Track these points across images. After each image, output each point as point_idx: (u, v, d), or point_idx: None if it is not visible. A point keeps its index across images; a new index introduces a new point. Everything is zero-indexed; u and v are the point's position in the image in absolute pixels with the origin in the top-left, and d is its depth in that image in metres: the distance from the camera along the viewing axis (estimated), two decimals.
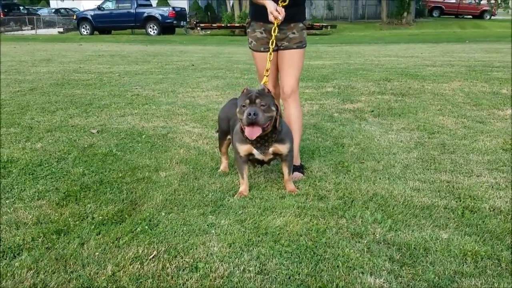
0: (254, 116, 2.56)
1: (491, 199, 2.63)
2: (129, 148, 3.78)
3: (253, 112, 2.56)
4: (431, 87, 6.47)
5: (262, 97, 2.62)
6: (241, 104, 2.66)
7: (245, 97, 2.66)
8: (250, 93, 2.65)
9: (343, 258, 1.97)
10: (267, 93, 2.68)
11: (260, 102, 2.61)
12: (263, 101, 2.62)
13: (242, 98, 2.68)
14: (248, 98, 2.63)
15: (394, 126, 4.44)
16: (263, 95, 2.64)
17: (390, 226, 2.30)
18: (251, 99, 2.62)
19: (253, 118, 2.56)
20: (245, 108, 2.62)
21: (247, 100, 2.63)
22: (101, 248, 2.15)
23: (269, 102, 2.65)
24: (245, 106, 2.63)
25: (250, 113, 2.56)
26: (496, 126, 4.34)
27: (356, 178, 3.04)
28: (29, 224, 2.43)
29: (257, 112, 2.57)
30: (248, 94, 2.65)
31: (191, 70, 8.93)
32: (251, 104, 2.61)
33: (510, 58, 10.24)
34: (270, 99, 2.67)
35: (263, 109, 2.60)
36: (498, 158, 3.38)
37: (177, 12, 23.16)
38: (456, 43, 16.03)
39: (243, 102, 2.65)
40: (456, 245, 2.07)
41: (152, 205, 2.66)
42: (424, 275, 1.84)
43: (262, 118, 2.59)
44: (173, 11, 22.93)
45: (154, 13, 23.33)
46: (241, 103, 2.67)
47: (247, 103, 2.63)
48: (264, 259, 2.00)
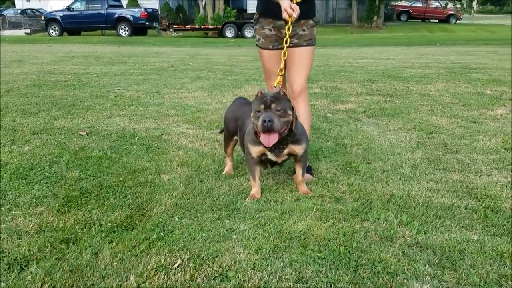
0: (269, 123, 2.42)
1: (509, 198, 2.60)
2: (124, 150, 3.59)
3: (268, 119, 2.42)
4: (416, 88, 6.51)
5: (277, 102, 2.49)
6: (256, 109, 2.52)
7: (260, 101, 2.51)
8: (265, 97, 2.50)
9: (381, 263, 1.88)
10: (282, 96, 2.53)
11: (275, 107, 2.47)
12: (279, 105, 2.48)
13: (257, 103, 2.53)
14: (263, 103, 2.48)
15: (391, 126, 4.41)
16: (279, 99, 2.51)
17: (418, 228, 2.22)
18: (266, 104, 2.48)
19: (269, 125, 2.43)
20: (260, 113, 2.48)
21: (262, 105, 2.49)
22: (118, 258, 1.98)
23: (285, 106, 2.51)
24: (260, 111, 2.49)
25: (266, 119, 2.42)
26: (491, 126, 4.37)
27: (367, 179, 2.96)
28: (31, 233, 2.24)
29: (272, 118, 2.43)
30: (263, 98, 2.50)
31: (171, 71, 8.73)
32: (266, 109, 2.47)
33: (484, 60, 10.50)
34: (286, 103, 2.53)
35: (279, 114, 2.47)
36: (503, 158, 3.37)
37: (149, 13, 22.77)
38: (428, 46, 16.35)
39: (258, 107, 2.50)
40: (490, 247, 2.02)
41: (161, 210, 2.50)
42: (468, 278, 1.77)
43: (278, 124, 2.46)
44: (145, 12, 22.52)
45: (125, 14, 22.86)
46: (255, 107, 2.52)
47: (262, 108, 2.48)
48: (298, 266, 1.88)
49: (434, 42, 17.96)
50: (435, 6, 34.76)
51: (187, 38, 22.10)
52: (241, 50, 14.77)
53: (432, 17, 34.93)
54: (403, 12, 35.77)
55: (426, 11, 34.84)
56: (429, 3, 35.41)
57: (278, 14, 2.98)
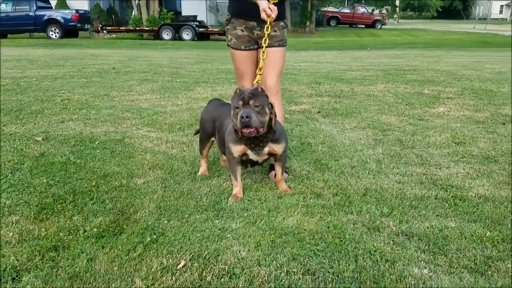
0: (247, 119, 2.45)
1: (472, 188, 2.83)
2: (87, 155, 3.47)
3: (245, 115, 2.45)
4: (361, 89, 6.82)
5: (255, 98, 2.53)
6: (234, 105, 2.54)
7: (238, 98, 2.54)
8: (243, 94, 2.54)
9: (377, 252, 1.99)
10: (260, 93, 2.58)
11: (254, 103, 2.51)
12: (257, 101, 2.52)
13: (235, 99, 2.56)
14: (241, 99, 2.52)
15: (347, 125, 4.60)
16: (257, 95, 2.55)
17: (399, 218, 2.37)
18: (244, 100, 2.51)
19: (246, 121, 2.46)
20: (239, 110, 2.51)
21: (240, 102, 2.52)
22: (117, 262, 1.94)
23: (263, 103, 2.56)
24: (238, 108, 2.52)
25: (243, 115, 2.45)
26: (437, 123, 4.69)
27: (340, 175, 3.09)
28: (13, 243, 2.12)
29: (250, 114, 2.46)
30: (241, 95, 2.54)
31: (114, 73, 8.48)
32: (244, 105, 2.51)
33: (414, 62, 11.19)
34: (264, 99, 2.58)
35: (257, 110, 2.51)
36: (456, 151, 3.65)
37: (81, 15, 21.82)
38: (359, 50, 17.11)
39: (236, 103, 2.53)
40: (468, 233, 2.19)
41: (146, 214, 2.46)
42: (459, 262, 1.92)
43: (256, 121, 2.49)
44: (76, 13, 21.55)
45: (55, 15, 21.71)
46: (234, 104, 2.55)
47: (240, 105, 2.52)
48: (301, 259, 1.94)
49: (364, 46, 18.81)
50: (361, 12, 36.44)
51: (121, 40, 21.47)
52: (181, 53, 14.62)
53: (359, 23, 36.57)
54: (332, 17, 37.13)
55: (353, 17, 36.40)
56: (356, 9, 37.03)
57: (250, 14, 3.03)
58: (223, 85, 7.15)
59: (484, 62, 11.24)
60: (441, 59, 12.33)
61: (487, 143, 3.90)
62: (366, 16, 35.67)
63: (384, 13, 33.29)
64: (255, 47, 3.15)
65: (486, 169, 3.20)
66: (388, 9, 35.47)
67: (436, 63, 11.13)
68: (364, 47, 18.54)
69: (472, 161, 3.39)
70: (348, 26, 36.54)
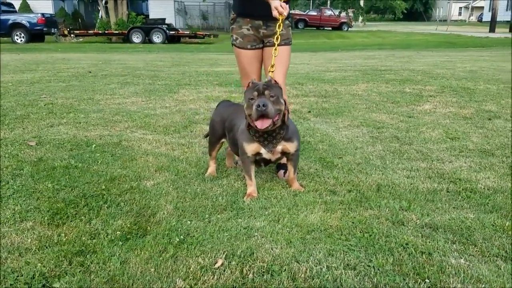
0: (263, 107, 2.43)
1: (479, 180, 2.91)
2: (88, 159, 3.38)
3: (262, 104, 2.43)
4: (344, 89, 6.92)
5: (270, 89, 2.53)
6: (249, 97, 2.53)
7: (253, 89, 2.53)
8: (257, 85, 2.54)
9: (410, 245, 2.01)
10: (275, 84, 2.59)
11: (269, 93, 2.51)
12: (272, 92, 2.52)
13: (249, 91, 2.55)
14: (256, 90, 2.51)
15: (340, 124, 4.65)
16: (271, 86, 2.55)
17: (420, 212, 2.41)
18: (259, 90, 2.51)
19: (263, 110, 2.43)
20: (254, 100, 2.50)
21: (255, 92, 2.51)
22: (152, 264, 1.89)
23: (278, 94, 2.56)
24: (253, 98, 2.51)
25: (260, 104, 2.43)
26: (426, 120, 4.80)
27: (348, 172, 3.12)
28: (33, 249, 2.04)
29: (266, 103, 2.44)
30: (255, 87, 2.53)
31: (91, 77, 8.30)
32: (259, 96, 2.50)
33: (387, 63, 11.43)
34: (278, 90, 2.58)
35: (272, 101, 2.50)
36: (453, 146, 3.75)
37: (47, 19, 21.19)
38: (332, 51, 17.34)
39: (251, 95, 2.52)
40: (489, 223, 2.25)
41: (166, 215, 2.42)
42: (490, 251, 1.97)
43: (272, 110, 2.48)
44: (42, 17, 20.91)
45: (20, 19, 20.99)
46: (248, 96, 2.54)
47: (255, 95, 2.50)
48: (338, 254, 1.95)
49: (336, 48, 19.08)
50: (328, 15, 36.98)
51: (90, 44, 20.99)
52: (154, 56, 14.44)
53: (327, 25, 37.09)
54: (300, 20, 37.49)
55: (321, 19, 36.89)
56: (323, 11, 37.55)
57: (255, 14, 3.03)
58: (207, 87, 7.11)
59: (454, 62, 11.59)
60: (412, 59, 12.64)
61: (480, 137, 4.02)
62: (333, 18, 36.20)
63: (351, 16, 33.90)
64: (260, 46, 3.15)
65: (486, 162, 3.30)
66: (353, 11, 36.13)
67: (409, 63, 11.40)
68: (335, 48, 18.81)
69: (471, 155, 3.48)
70: (316, 29, 37.00)
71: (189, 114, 5.09)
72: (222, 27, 31.01)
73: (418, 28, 40.20)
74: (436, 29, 35.16)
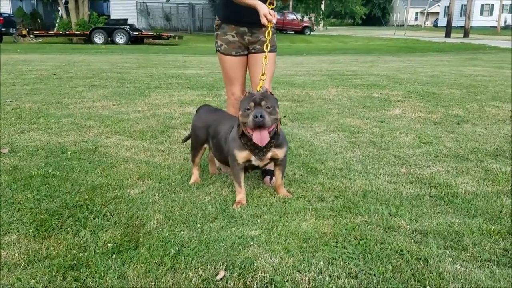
0: (261, 118, 2.47)
1: (459, 185, 3.01)
2: (65, 166, 3.27)
3: (259, 114, 2.47)
4: (315, 94, 7.00)
5: (266, 99, 2.55)
6: (245, 107, 2.55)
7: (249, 99, 2.55)
8: (254, 96, 2.56)
9: (406, 251, 2.05)
10: (270, 95, 2.62)
11: (265, 104, 2.54)
12: (268, 103, 2.55)
13: (246, 101, 2.57)
14: (253, 100, 2.53)
15: (317, 129, 4.70)
16: (268, 97, 2.58)
17: (408, 217, 2.47)
18: (256, 101, 2.53)
19: (260, 121, 2.47)
20: (250, 111, 2.52)
21: (251, 103, 2.53)
22: (151, 278, 1.85)
23: (274, 104, 2.59)
24: (249, 109, 2.53)
25: (257, 115, 2.46)
26: (398, 125, 4.92)
27: (333, 177, 3.15)
28: (22, 264, 1.96)
29: (263, 114, 2.48)
30: (252, 97, 2.56)
31: (56, 79, 8.05)
32: (256, 106, 2.52)
33: (352, 68, 11.67)
34: (274, 101, 2.61)
35: (268, 111, 2.53)
36: (428, 151, 3.86)
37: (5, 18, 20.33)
38: (297, 55, 17.52)
39: (247, 105, 2.54)
40: (476, 227, 2.32)
41: (156, 225, 2.37)
42: (481, 256, 2.03)
43: (269, 121, 2.52)
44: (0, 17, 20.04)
45: None
46: (245, 106, 2.56)
47: (252, 106, 2.53)
48: (338, 262, 1.96)
49: (300, 52, 19.27)
50: (291, 19, 37.35)
51: (51, 45, 20.28)
52: (118, 57, 14.14)
53: (289, 29, 37.43)
54: None
55: (284, 23, 37.17)
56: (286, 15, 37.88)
57: (241, 20, 3.02)
58: (179, 91, 7.03)
59: (416, 67, 11.96)
60: (375, 64, 12.96)
61: (452, 142, 4.16)
62: (296, 22, 36.60)
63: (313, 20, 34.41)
64: (245, 53, 3.14)
65: (462, 167, 3.42)
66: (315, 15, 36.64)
67: (372, 68, 11.68)
68: (300, 52, 19.00)
69: (446, 160, 3.60)
70: (279, 32, 37.28)
71: (164, 118, 5.02)
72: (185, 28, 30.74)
73: (377, 32, 41.30)
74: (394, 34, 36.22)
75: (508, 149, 3.89)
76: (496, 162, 3.53)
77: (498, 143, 4.11)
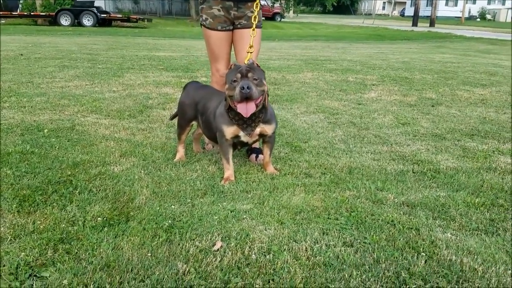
0: (248, 90, 2.42)
1: (440, 162, 3.08)
2: (43, 144, 3.17)
3: (246, 86, 2.42)
4: (292, 77, 7.01)
5: (253, 71, 2.52)
6: (232, 79, 2.50)
7: (235, 71, 2.51)
8: (240, 67, 2.52)
9: (397, 222, 2.09)
10: (257, 67, 2.58)
11: (252, 76, 2.50)
12: (255, 74, 2.51)
13: (232, 73, 2.53)
14: (239, 72, 2.49)
15: (297, 110, 4.71)
16: (254, 68, 2.54)
17: (395, 191, 2.51)
18: (242, 73, 2.49)
19: (247, 92, 2.42)
20: (236, 83, 2.48)
21: (238, 74, 2.49)
22: (147, 249, 1.82)
23: (261, 76, 2.55)
24: (236, 80, 2.49)
25: (244, 86, 2.42)
26: (375, 107, 4.99)
27: (317, 155, 3.17)
28: (9, 238, 1.89)
29: (250, 85, 2.44)
30: (238, 69, 2.52)
31: (24, 60, 7.78)
32: (243, 78, 2.48)
33: (325, 54, 11.74)
34: (261, 73, 2.58)
35: (255, 83, 2.50)
36: (406, 131, 3.93)
37: None
38: (269, 41, 17.46)
39: (234, 76, 2.50)
40: (460, 200, 2.39)
41: (145, 200, 2.33)
42: (469, 225, 2.09)
43: (256, 92, 2.47)
44: None
45: None
46: (231, 78, 2.51)
47: (238, 77, 2.48)
48: (333, 233, 1.98)
49: (272, 38, 19.19)
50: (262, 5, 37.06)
51: (15, 26, 19.45)
52: (86, 39, 13.75)
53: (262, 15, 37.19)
54: None
55: None
56: None
57: None
58: (153, 72, 6.90)
59: (386, 53, 12.15)
60: (347, 51, 13.09)
61: (428, 123, 4.26)
62: (266, 8, 36.37)
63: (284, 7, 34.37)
64: (230, 28, 3.09)
65: (441, 145, 3.50)
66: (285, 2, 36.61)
67: (345, 54, 11.79)
68: (272, 38, 18.93)
69: (425, 139, 3.68)
70: None
71: (141, 98, 4.92)
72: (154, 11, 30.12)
73: (346, 21, 41.60)
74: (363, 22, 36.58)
75: (483, 129, 4.01)
76: (473, 141, 3.63)
77: (473, 123, 4.24)
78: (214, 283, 1.61)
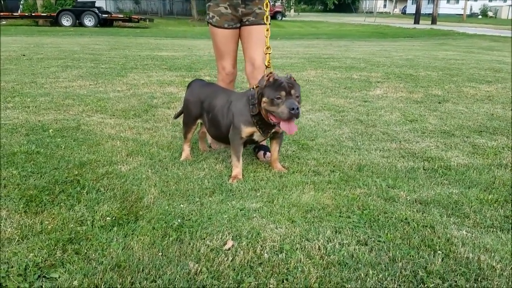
0: (297, 111, 2.41)
1: (450, 158, 3.04)
2: (49, 144, 3.14)
3: (296, 107, 2.41)
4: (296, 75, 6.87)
5: (295, 88, 2.49)
6: (275, 96, 2.45)
7: (278, 87, 2.45)
8: (282, 83, 2.47)
9: (411, 220, 2.05)
10: (295, 83, 2.55)
11: (295, 93, 2.48)
12: (297, 91, 2.50)
13: (273, 88, 2.46)
14: (283, 89, 2.45)
15: (302, 108, 4.65)
16: (295, 85, 2.51)
17: (407, 188, 2.47)
18: (286, 90, 2.45)
19: (297, 113, 2.42)
20: (281, 100, 2.44)
21: (282, 92, 2.45)
22: (157, 249, 1.78)
23: (299, 92, 2.54)
24: (280, 98, 2.44)
25: (294, 107, 2.40)
26: (381, 104, 4.95)
27: (325, 153, 3.14)
28: (17, 239, 1.86)
29: (298, 106, 2.43)
30: (280, 85, 2.46)
31: (27, 60, 7.74)
32: (287, 96, 2.45)
33: (328, 52, 11.70)
34: (299, 89, 2.55)
35: (297, 101, 2.48)
36: (414, 128, 3.89)
37: None
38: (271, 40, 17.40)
39: (278, 93, 2.45)
40: (473, 197, 2.35)
41: (153, 199, 2.30)
42: (484, 222, 2.06)
43: (300, 111, 2.48)
44: None
45: None
46: (274, 94, 2.45)
47: (283, 95, 2.44)
48: (346, 231, 1.95)
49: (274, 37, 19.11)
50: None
51: (16, 27, 19.47)
52: (88, 39, 13.73)
53: None
54: None
55: None
56: None
57: None
58: (156, 72, 6.87)
59: (389, 51, 12.10)
60: (350, 48, 13.04)
61: (436, 119, 4.22)
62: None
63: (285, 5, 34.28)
64: (237, 26, 3.06)
65: (450, 142, 3.46)
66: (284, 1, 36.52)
67: (348, 51, 11.75)
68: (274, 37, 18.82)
69: (434, 136, 3.64)
70: None
71: (146, 98, 4.89)
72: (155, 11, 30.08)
73: (347, 19, 41.52)
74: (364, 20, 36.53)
75: (491, 125, 3.97)
76: (482, 138, 3.59)
77: (481, 120, 4.19)
78: (227, 283, 1.58)
